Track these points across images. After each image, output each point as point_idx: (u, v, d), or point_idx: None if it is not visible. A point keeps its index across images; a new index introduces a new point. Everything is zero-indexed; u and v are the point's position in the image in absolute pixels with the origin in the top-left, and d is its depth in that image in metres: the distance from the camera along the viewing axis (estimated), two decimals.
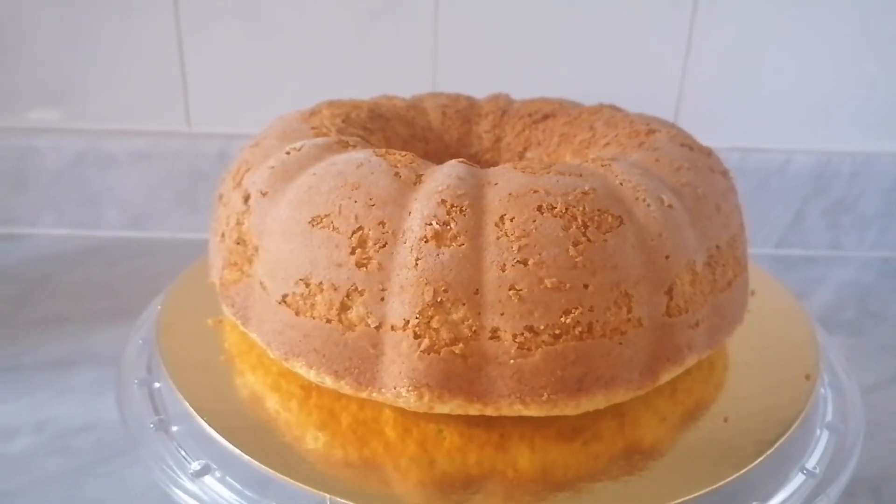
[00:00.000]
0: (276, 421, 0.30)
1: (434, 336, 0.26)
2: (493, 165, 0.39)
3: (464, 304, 0.25)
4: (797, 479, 0.28)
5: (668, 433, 0.29)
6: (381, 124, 0.38)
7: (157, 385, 0.32)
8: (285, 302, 0.28)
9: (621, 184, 0.28)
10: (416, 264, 0.26)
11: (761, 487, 0.27)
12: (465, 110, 0.41)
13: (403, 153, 0.30)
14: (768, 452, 0.27)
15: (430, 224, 0.26)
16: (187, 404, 0.30)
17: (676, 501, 0.25)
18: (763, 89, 0.61)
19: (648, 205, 0.27)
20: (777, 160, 0.62)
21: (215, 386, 0.31)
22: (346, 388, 0.27)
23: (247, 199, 0.30)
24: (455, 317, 0.26)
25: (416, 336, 0.26)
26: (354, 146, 0.31)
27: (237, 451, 0.28)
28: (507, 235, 0.26)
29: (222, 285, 0.31)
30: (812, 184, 0.63)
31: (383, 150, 0.30)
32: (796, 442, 0.29)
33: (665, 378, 0.28)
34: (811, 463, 0.29)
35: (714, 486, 0.26)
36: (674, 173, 0.30)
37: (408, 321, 0.26)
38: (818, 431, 0.30)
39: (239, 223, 0.30)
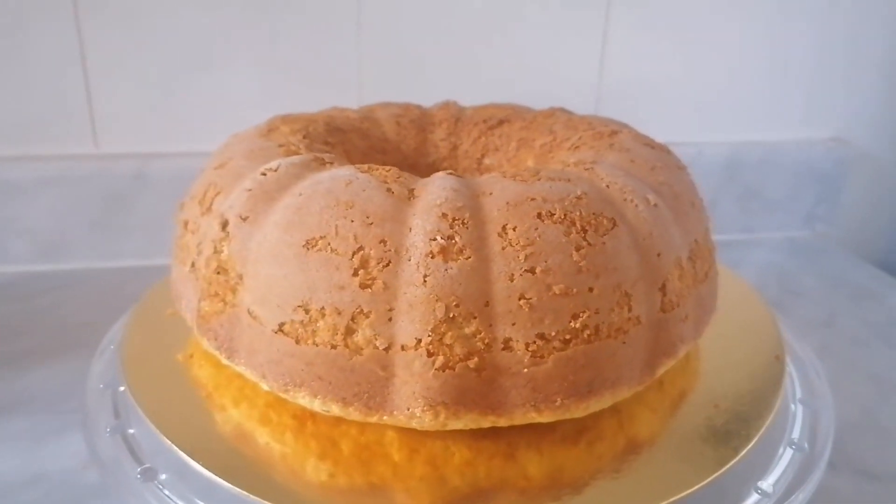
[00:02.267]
0: (271, 455, 0.28)
1: (448, 352, 0.25)
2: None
3: (475, 318, 0.25)
4: (787, 455, 0.29)
5: (662, 425, 0.30)
6: (340, 137, 0.37)
7: (131, 431, 0.30)
8: (282, 331, 0.26)
9: (608, 186, 0.29)
10: (425, 281, 0.25)
11: (757, 466, 0.29)
12: (419, 119, 0.40)
13: (387, 168, 0.29)
14: (761, 432, 0.29)
15: (435, 239, 0.25)
16: (175, 448, 0.28)
17: (689, 490, 0.26)
18: (675, 87, 0.64)
19: (637, 205, 0.28)
20: (689, 152, 0.66)
21: (198, 425, 0.30)
22: (354, 414, 0.26)
23: (224, 224, 0.28)
24: (468, 331, 0.25)
25: (430, 354, 0.25)
26: (331, 163, 0.30)
27: (238, 490, 0.26)
28: (511, 245, 0.26)
29: (201, 318, 0.29)
30: (723, 173, 0.66)
31: (366, 166, 0.29)
32: (777, 419, 0.31)
33: (661, 372, 0.29)
34: (795, 435, 0.30)
35: (720, 472, 0.27)
36: (650, 173, 0.31)
37: (419, 340, 0.25)
38: (793, 407, 0.32)
39: (217, 251, 0.28)
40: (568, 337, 0.26)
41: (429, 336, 0.25)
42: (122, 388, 0.33)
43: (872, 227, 0.72)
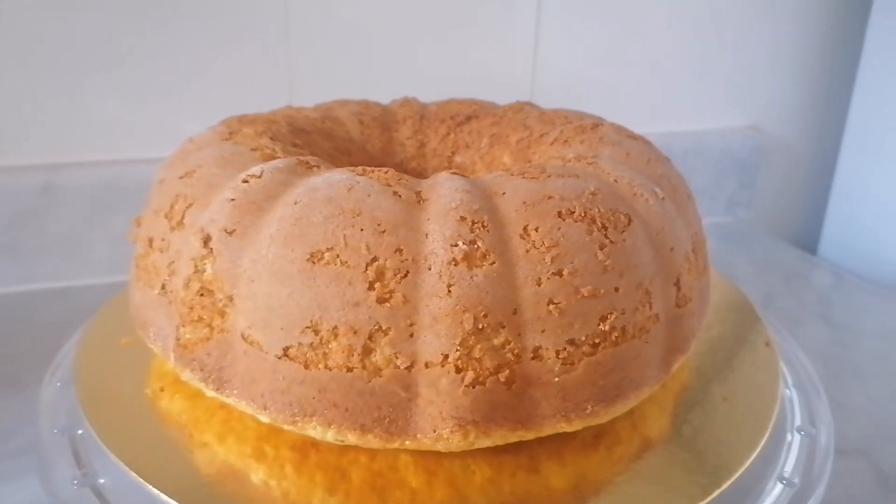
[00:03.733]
0: (269, 493, 0.25)
1: (478, 367, 0.23)
2: (420, 173, 0.37)
3: (504, 327, 0.24)
4: (797, 441, 0.29)
5: (671, 422, 0.30)
6: (305, 139, 0.34)
7: (101, 480, 0.26)
8: (288, 356, 0.24)
9: (615, 181, 0.28)
10: (450, 291, 0.23)
11: (772, 455, 0.29)
12: (381, 117, 0.38)
13: (384, 169, 0.27)
14: (773, 423, 0.29)
15: (457, 245, 0.23)
16: (161, 495, 0.24)
17: (720, 489, 0.26)
18: (604, 80, 0.65)
19: (647, 199, 0.27)
20: None
21: (178, 467, 0.26)
22: (373, 442, 0.24)
23: (206, 240, 0.25)
24: (496, 342, 0.23)
25: (458, 370, 0.23)
26: (317, 166, 0.28)
27: None
28: (535, 247, 0.24)
29: (182, 347, 0.26)
30: None
31: (360, 169, 0.27)
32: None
33: (674, 369, 0.28)
34: (797, 423, 0.30)
35: (744, 467, 0.27)
36: (647, 166, 0.30)
37: (447, 355, 0.23)
38: (788, 392, 0.32)
39: (199, 270, 0.25)
40: (597, 340, 0.25)
41: (457, 350, 0.23)
42: (80, 432, 0.29)
43: (787, 211, 0.75)
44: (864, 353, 0.48)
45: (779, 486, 0.27)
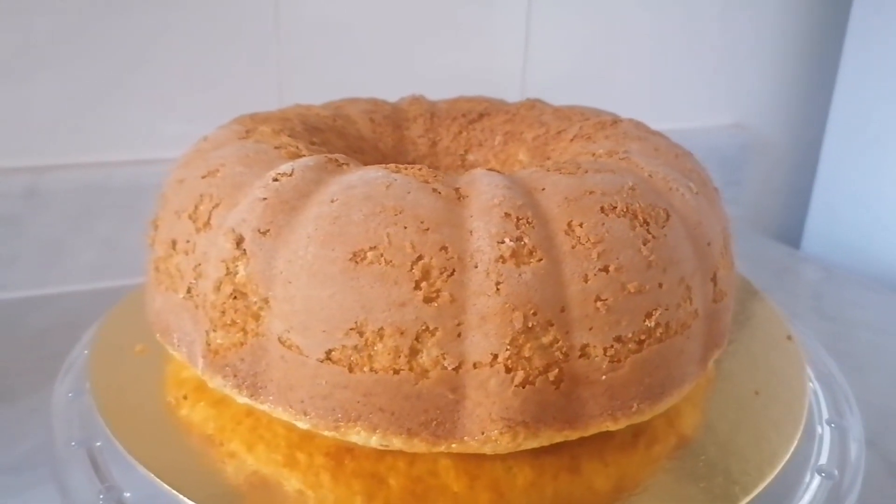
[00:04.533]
0: (307, 502, 0.25)
1: (528, 366, 0.23)
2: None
3: (552, 325, 0.23)
4: (827, 433, 0.29)
5: (705, 418, 0.29)
6: (321, 137, 0.33)
7: (127, 495, 0.25)
8: (330, 359, 0.23)
9: (650, 176, 0.27)
10: (498, 289, 0.22)
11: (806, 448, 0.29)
12: (392, 115, 0.37)
13: (418, 167, 0.26)
14: (805, 415, 0.29)
15: (503, 242, 0.23)
16: None
17: (763, 485, 0.25)
18: (592, 79, 0.65)
19: (683, 194, 0.27)
20: None
21: (210, 480, 0.25)
22: (419, 446, 0.23)
23: (239, 241, 0.24)
24: (545, 340, 0.23)
25: (508, 370, 0.23)
26: (346, 164, 0.27)
27: None
28: (581, 243, 0.24)
29: (212, 353, 0.25)
30: None
31: (393, 166, 0.26)
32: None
33: (710, 364, 0.28)
34: (825, 416, 0.31)
35: (784, 461, 0.27)
36: (676, 161, 0.30)
37: (496, 355, 0.23)
38: (812, 385, 0.33)
39: (230, 272, 0.24)
40: (643, 337, 0.24)
41: (507, 350, 0.23)
42: (98, 444, 0.27)
43: (771, 207, 0.76)
44: (862, 346, 0.49)
45: (817, 479, 0.27)
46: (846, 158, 0.67)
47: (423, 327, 0.22)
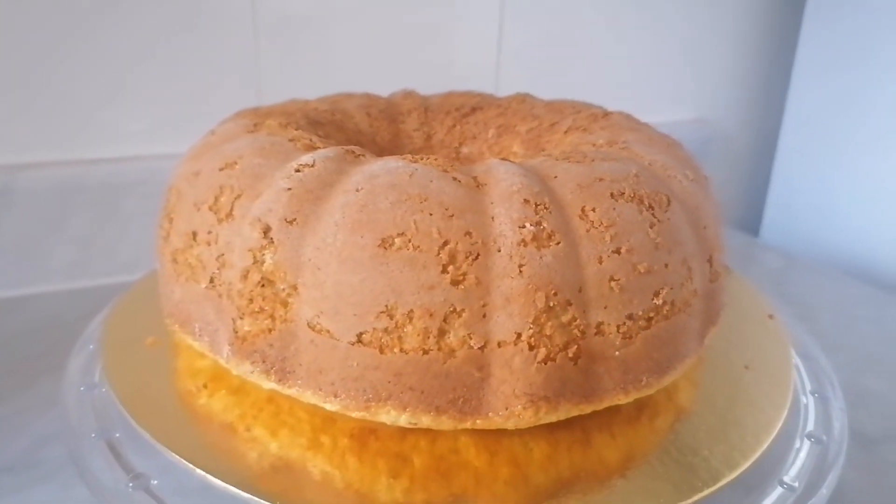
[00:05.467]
0: (334, 484, 0.25)
1: (549, 344, 0.24)
2: None
3: (571, 305, 0.24)
4: (812, 402, 0.32)
5: (701, 392, 0.31)
6: (322, 130, 0.34)
7: (154, 482, 0.26)
8: (361, 341, 0.24)
9: (650, 164, 0.29)
10: (521, 271, 0.24)
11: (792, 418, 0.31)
12: (387, 109, 0.38)
13: (434, 157, 0.27)
14: (792, 387, 0.31)
15: (524, 226, 0.24)
16: (236, 490, 0.24)
17: (761, 450, 0.27)
18: (561, 72, 0.66)
19: (680, 181, 0.29)
20: None
21: (237, 465, 0.26)
22: (446, 423, 0.24)
23: (266, 230, 0.25)
24: (564, 319, 0.24)
25: (531, 347, 0.24)
26: (363, 155, 0.28)
27: None
28: (595, 227, 0.25)
29: (240, 340, 0.25)
30: None
31: (410, 156, 0.27)
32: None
33: (708, 341, 0.30)
34: (808, 387, 0.33)
35: (777, 428, 0.28)
36: (668, 150, 0.31)
37: (520, 334, 0.24)
38: (794, 359, 0.35)
39: (258, 261, 0.25)
40: (652, 315, 0.26)
41: (530, 329, 0.24)
42: (117, 435, 0.28)
43: (730, 198, 0.79)
44: (826, 327, 0.52)
45: (807, 444, 0.29)
46: (802, 151, 0.71)
47: (451, 309, 0.23)
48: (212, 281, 0.26)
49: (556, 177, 0.26)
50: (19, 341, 0.45)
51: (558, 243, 0.24)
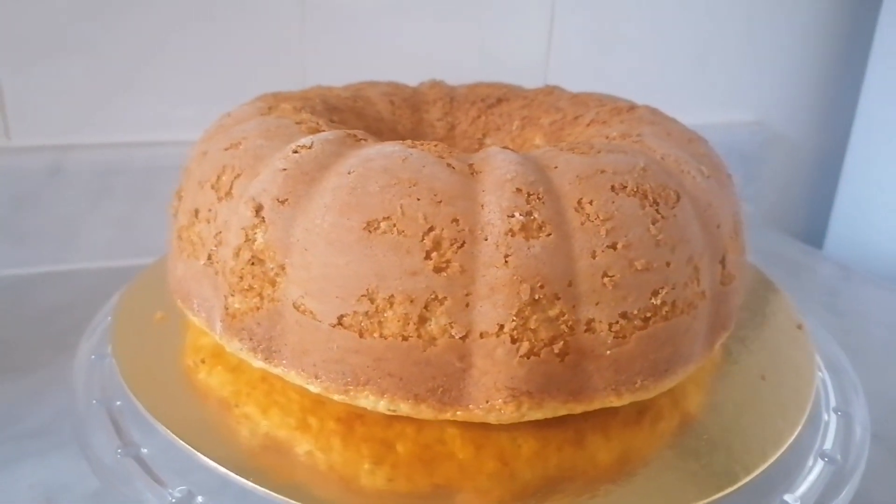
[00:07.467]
0: (316, 465, 0.25)
1: (533, 338, 0.23)
2: None
3: (559, 299, 0.24)
4: (833, 420, 0.30)
5: (710, 399, 0.30)
6: (340, 116, 0.34)
7: (144, 450, 0.26)
8: (342, 324, 0.24)
9: (662, 158, 0.28)
10: (507, 261, 0.23)
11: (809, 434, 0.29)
12: (411, 98, 0.38)
13: (434, 143, 0.27)
14: (811, 400, 0.29)
15: (513, 216, 0.23)
16: (214, 465, 0.24)
17: (764, 466, 0.26)
18: (613, 72, 0.65)
19: (694, 177, 0.27)
20: None
21: (225, 440, 0.26)
22: (425, 412, 0.24)
23: (258, 209, 0.25)
24: (551, 313, 0.24)
25: (514, 340, 0.23)
26: (365, 139, 0.27)
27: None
28: (590, 220, 0.24)
29: (230, 316, 0.26)
30: None
31: (409, 142, 0.26)
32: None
33: (717, 346, 0.29)
34: (833, 404, 0.31)
35: (787, 445, 0.27)
36: (688, 145, 0.30)
37: (502, 325, 0.23)
38: (820, 374, 0.33)
39: (249, 239, 0.25)
40: (648, 315, 0.25)
41: (513, 321, 0.23)
42: (118, 403, 0.28)
43: (792, 206, 0.76)
44: (873, 342, 0.49)
45: (820, 464, 0.27)
46: (873, 158, 0.66)
47: (433, 296, 0.23)
48: (209, 258, 0.27)
49: (556, 167, 0.26)
50: (57, 315, 0.47)
51: (549, 235, 0.24)
